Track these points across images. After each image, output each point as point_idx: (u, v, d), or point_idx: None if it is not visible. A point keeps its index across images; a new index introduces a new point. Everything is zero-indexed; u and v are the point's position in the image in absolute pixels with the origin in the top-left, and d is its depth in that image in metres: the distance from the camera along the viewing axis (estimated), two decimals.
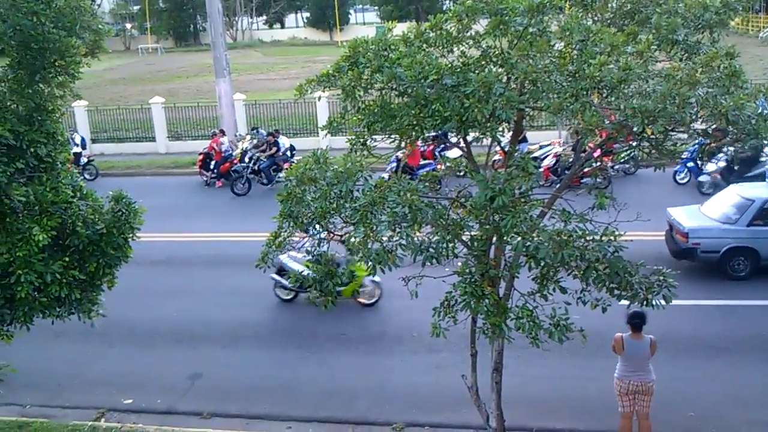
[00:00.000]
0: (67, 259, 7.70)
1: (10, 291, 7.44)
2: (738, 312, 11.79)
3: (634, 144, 7.13)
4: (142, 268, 11.15)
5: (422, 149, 19.75)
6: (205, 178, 22.27)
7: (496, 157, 13.51)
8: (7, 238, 7.32)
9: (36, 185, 7.52)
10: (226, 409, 10.02)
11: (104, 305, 8.47)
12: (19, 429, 9.55)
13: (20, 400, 10.32)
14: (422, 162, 19.05)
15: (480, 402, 7.62)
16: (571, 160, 17.81)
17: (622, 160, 18.56)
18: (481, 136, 6.78)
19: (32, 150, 7.54)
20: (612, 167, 18.69)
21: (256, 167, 21.18)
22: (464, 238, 6.77)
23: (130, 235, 8.27)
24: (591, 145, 7.91)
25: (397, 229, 6.07)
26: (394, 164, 18.19)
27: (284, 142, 22.42)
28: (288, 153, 22.14)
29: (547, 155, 19.60)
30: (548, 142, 20.54)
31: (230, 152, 22.23)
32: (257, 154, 21.47)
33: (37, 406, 10.21)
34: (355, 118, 6.90)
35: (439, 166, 8.24)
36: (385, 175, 14.76)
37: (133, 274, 9.76)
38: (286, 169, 22.16)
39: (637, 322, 8.09)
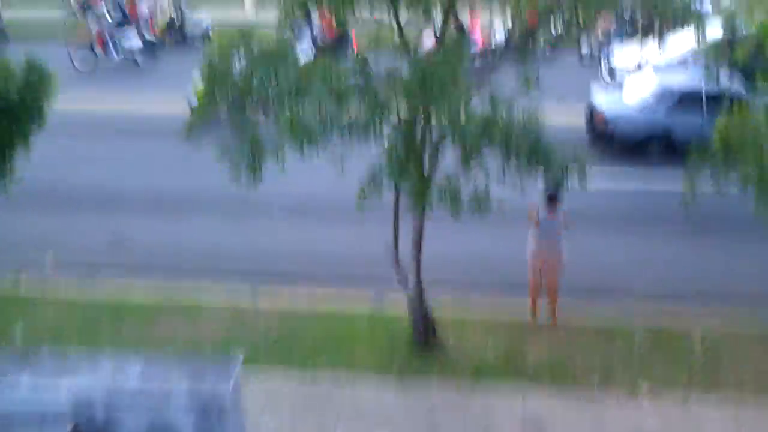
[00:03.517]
0: None
1: None
2: (650, 195, 12.35)
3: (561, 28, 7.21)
4: (58, 137, 10.81)
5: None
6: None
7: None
8: None
9: None
10: (151, 274, 10.05)
11: (19, 173, 8.29)
12: None
13: None
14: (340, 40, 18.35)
15: (400, 269, 7.93)
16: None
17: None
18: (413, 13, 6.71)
19: None
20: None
21: None
22: (392, 117, 6.81)
23: (45, 103, 8.02)
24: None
25: (323, 112, 6.07)
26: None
27: None
28: None
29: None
30: None
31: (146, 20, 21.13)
32: None
33: None
34: None
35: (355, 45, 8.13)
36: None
37: (51, 142, 9.50)
38: None
39: (552, 199, 8.47)
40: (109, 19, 20.11)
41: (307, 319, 8.83)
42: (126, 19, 20.59)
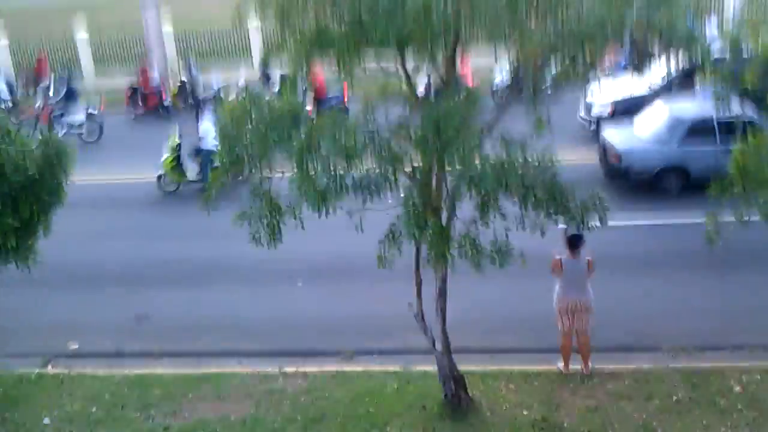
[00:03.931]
0: None
1: None
2: (670, 230, 12.20)
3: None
4: (77, 210, 10.86)
5: None
6: (133, 115, 21.82)
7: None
8: None
9: None
10: (176, 348, 10.04)
11: (40, 251, 8.32)
12: None
13: None
14: (329, 96, 18.42)
15: (426, 328, 7.82)
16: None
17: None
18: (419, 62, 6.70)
19: None
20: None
21: None
22: (406, 168, 6.80)
23: (63, 179, 8.08)
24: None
25: (335, 173, 6.09)
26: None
27: None
28: None
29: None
30: None
31: (159, 87, 21.65)
32: None
33: None
34: (296, 44, 6.68)
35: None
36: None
37: (69, 216, 9.52)
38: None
39: (575, 243, 8.34)
40: (52, 95, 20.38)
41: (335, 390, 8.75)
42: (72, 94, 21.02)
